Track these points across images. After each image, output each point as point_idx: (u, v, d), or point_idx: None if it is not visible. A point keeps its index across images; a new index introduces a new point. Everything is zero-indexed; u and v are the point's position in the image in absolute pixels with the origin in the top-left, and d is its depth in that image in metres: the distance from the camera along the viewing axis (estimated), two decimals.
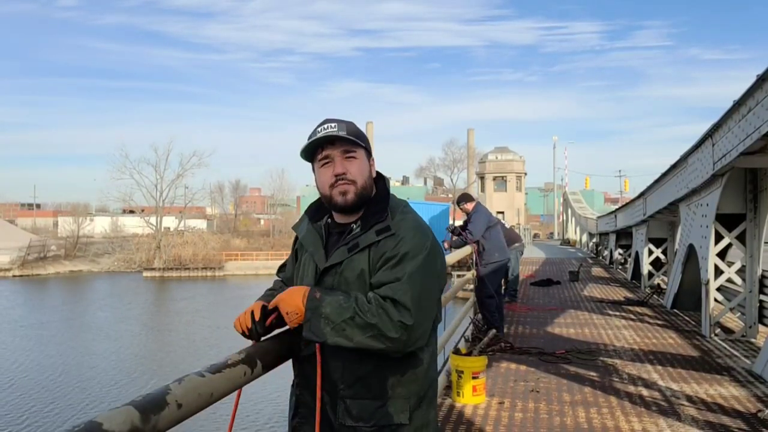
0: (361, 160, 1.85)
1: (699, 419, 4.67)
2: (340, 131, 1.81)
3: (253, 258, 59.43)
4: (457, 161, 72.88)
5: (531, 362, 6.49)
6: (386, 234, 1.78)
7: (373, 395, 1.75)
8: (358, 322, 1.66)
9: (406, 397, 1.77)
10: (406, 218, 1.84)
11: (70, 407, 16.58)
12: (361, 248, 1.78)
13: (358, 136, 1.84)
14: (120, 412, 1.20)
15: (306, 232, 1.95)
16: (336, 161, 1.83)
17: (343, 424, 1.75)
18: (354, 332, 1.66)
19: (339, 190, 1.82)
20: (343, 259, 1.80)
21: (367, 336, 1.66)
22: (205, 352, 22.81)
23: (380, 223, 1.80)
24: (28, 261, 54.27)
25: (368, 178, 1.87)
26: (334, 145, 1.82)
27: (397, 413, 1.76)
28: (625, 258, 18.46)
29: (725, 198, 7.57)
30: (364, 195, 1.85)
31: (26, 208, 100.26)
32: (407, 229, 1.80)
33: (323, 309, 1.68)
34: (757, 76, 5.78)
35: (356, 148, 1.84)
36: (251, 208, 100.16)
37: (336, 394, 1.77)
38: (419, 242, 1.77)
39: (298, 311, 1.72)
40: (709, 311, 7.93)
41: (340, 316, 1.66)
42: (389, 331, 1.65)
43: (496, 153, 50.21)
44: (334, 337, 1.67)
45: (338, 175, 1.82)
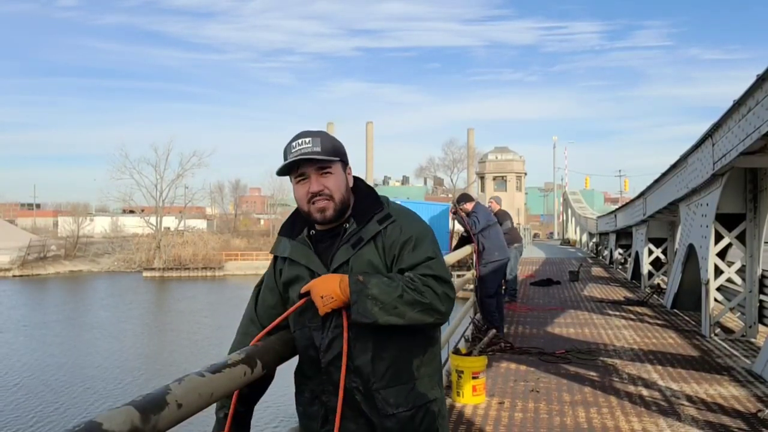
0: (336, 175, 1.86)
1: (699, 419, 4.67)
2: (315, 146, 1.81)
3: (253, 258, 59.40)
4: (457, 161, 72.82)
5: (531, 362, 6.49)
6: (389, 221, 1.84)
7: (404, 380, 1.82)
8: (407, 299, 1.72)
9: (430, 375, 1.88)
10: (400, 208, 1.93)
11: (70, 407, 16.57)
12: (366, 241, 1.82)
13: (334, 151, 1.85)
14: (120, 412, 1.20)
15: (291, 249, 1.92)
16: (312, 178, 1.84)
17: (385, 414, 1.80)
18: (405, 309, 1.72)
19: (317, 207, 1.84)
20: (349, 256, 1.82)
21: (417, 311, 1.73)
22: (205, 352, 22.81)
23: (379, 213, 1.86)
24: (28, 261, 54.26)
25: (346, 191, 1.88)
26: (310, 162, 1.82)
27: (428, 390, 1.86)
28: (625, 258, 18.46)
29: (725, 198, 7.57)
30: (343, 207, 1.87)
31: (26, 208, 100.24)
32: (406, 214, 1.90)
33: (370, 290, 1.71)
34: (757, 75, 5.77)
35: (331, 164, 1.85)
36: (251, 208, 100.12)
37: (369, 388, 1.80)
38: (424, 226, 1.90)
39: (334, 295, 1.73)
40: (709, 311, 7.93)
41: (390, 296, 1.71)
42: (439, 305, 1.76)
43: (496, 153, 50.23)
44: (385, 316, 1.71)
45: (315, 193, 1.83)
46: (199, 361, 19.72)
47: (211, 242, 59.73)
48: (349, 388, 1.80)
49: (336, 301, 1.73)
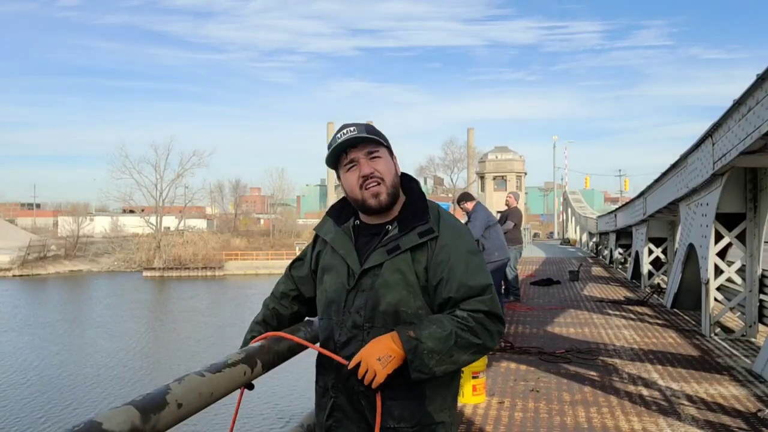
0: (385, 159, 1.85)
1: (699, 418, 4.67)
2: (360, 133, 1.81)
3: (253, 257, 59.43)
4: (457, 161, 72.95)
5: (531, 362, 6.48)
6: (430, 236, 1.78)
7: (413, 395, 1.76)
8: (461, 344, 1.69)
9: (444, 396, 1.81)
10: (448, 221, 1.85)
11: (70, 406, 16.57)
12: (403, 250, 1.77)
13: (379, 136, 1.85)
14: (120, 412, 1.20)
15: (335, 234, 1.90)
16: (361, 163, 1.82)
17: (385, 426, 1.75)
18: (460, 355, 1.69)
19: (371, 192, 1.80)
20: (383, 261, 1.78)
21: (470, 353, 1.71)
22: (205, 352, 22.80)
23: (422, 225, 1.80)
24: (28, 261, 54.26)
25: (395, 176, 1.86)
26: (357, 147, 1.82)
27: (436, 412, 1.78)
28: (625, 257, 18.46)
29: (725, 197, 7.57)
30: (394, 193, 1.84)
31: (26, 207, 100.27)
32: (451, 230, 1.81)
33: (425, 344, 1.66)
34: (757, 75, 5.77)
35: (379, 147, 1.84)
36: (251, 207, 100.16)
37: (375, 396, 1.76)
38: (472, 245, 1.83)
39: (392, 353, 1.67)
40: (709, 311, 7.93)
41: (445, 345, 1.67)
42: (490, 342, 1.74)
43: (496, 152, 50.13)
44: (441, 366, 1.68)
45: (366, 176, 1.80)
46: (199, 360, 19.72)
47: (211, 242, 59.77)
48: (356, 391, 1.78)
49: (396, 359, 1.67)
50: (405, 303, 1.76)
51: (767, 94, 5.59)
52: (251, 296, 40.42)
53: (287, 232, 71.13)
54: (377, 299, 1.77)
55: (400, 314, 1.76)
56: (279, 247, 63.55)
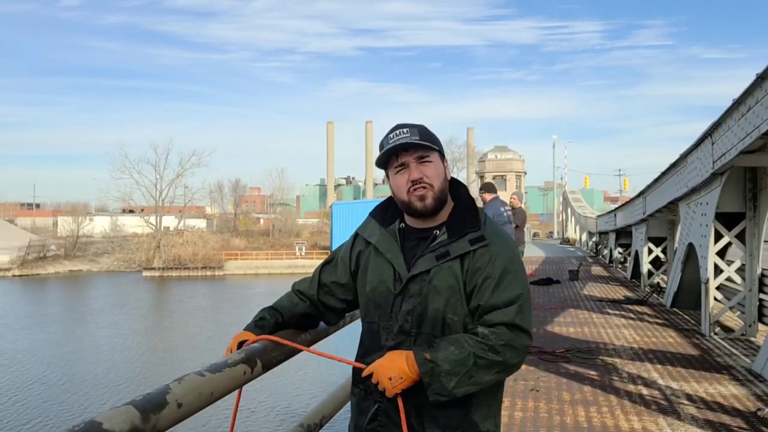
0: (436, 164, 1.82)
1: (699, 418, 4.67)
2: (413, 136, 1.79)
3: (252, 257, 59.40)
4: (456, 160, 72.87)
5: (531, 361, 6.48)
6: (481, 244, 1.75)
7: (459, 403, 1.72)
8: (481, 364, 1.65)
9: (489, 405, 1.79)
10: (495, 228, 1.82)
11: (70, 407, 16.57)
12: (453, 257, 1.74)
13: (432, 140, 1.82)
14: (120, 412, 1.20)
15: (380, 236, 1.87)
16: (411, 167, 1.80)
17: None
18: (480, 375, 1.65)
19: (417, 195, 1.78)
20: (432, 267, 1.75)
21: (494, 373, 1.66)
22: (205, 352, 22.80)
23: (474, 232, 1.77)
24: (27, 261, 54.24)
25: (444, 181, 1.83)
26: (408, 151, 1.80)
27: (482, 420, 1.76)
28: (625, 257, 18.47)
29: (725, 197, 7.57)
30: (441, 198, 1.82)
31: (26, 207, 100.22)
32: (500, 240, 1.78)
33: (441, 367, 1.63)
34: (756, 74, 5.77)
35: (430, 152, 1.81)
36: (251, 207, 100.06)
37: (421, 403, 1.72)
38: (514, 256, 1.78)
39: (403, 375, 1.66)
40: (709, 310, 7.93)
41: (464, 366, 1.63)
42: (513, 359, 1.67)
43: (496, 152, 50.22)
44: (462, 387, 1.64)
45: (415, 181, 1.78)
46: (199, 360, 19.72)
47: (211, 242, 59.76)
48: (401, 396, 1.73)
49: (406, 381, 1.66)
50: (452, 310, 1.74)
51: (767, 94, 5.59)
52: (251, 296, 40.40)
53: (287, 231, 71.06)
54: (425, 305, 1.75)
55: (446, 321, 1.74)
56: (279, 247, 63.53)
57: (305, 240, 65.39)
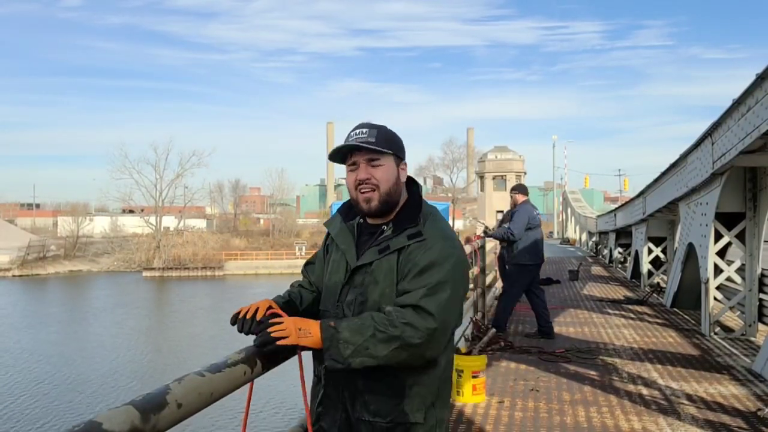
0: (386, 167, 1.89)
1: (699, 418, 4.67)
2: (369, 137, 1.86)
3: (252, 257, 59.42)
4: (456, 160, 72.97)
5: (531, 361, 6.49)
6: (417, 239, 1.83)
7: (392, 392, 1.81)
8: (380, 337, 1.70)
9: (423, 396, 1.84)
10: (437, 225, 1.89)
11: (71, 407, 16.57)
12: (392, 251, 1.84)
13: (387, 143, 1.89)
14: (120, 412, 1.20)
15: (339, 230, 1.99)
16: (361, 167, 1.88)
17: (360, 419, 1.83)
18: (377, 348, 1.70)
19: (363, 197, 1.88)
20: (374, 259, 1.85)
21: (392, 349, 1.70)
22: (205, 352, 22.80)
23: (412, 228, 1.85)
24: (27, 261, 54.24)
25: (394, 184, 1.90)
26: (361, 151, 1.87)
27: (413, 411, 1.82)
28: (625, 257, 18.46)
29: (725, 197, 7.57)
30: (389, 201, 1.89)
31: (26, 207, 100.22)
32: (436, 237, 1.84)
33: (341, 334, 1.70)
34: (756, 74, 5.77)
35: (381, 156, 1.88)
36: (251, 207, 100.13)
37: (356, 388, 1.83)
38: (447, 251, 1.83)
39: (312, 331, 1.73)
40: (709, 310, 7.93)
41: (362, 336, 1.70)
42: (412, 338, 1.70)
43: (496, 152, 50.12)
44: (357, 357, 1.70)
45: (361, 181, 1.87)
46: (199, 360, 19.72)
47: (211, 242, 59.79)
48: (342, 382, 1.85)
49: (312, 338, 1.73)
50: (388, 300, 1.81)
51: (766, 94, 5.59)
52: (251, 296, 40.37)
53: (287, 231, 71.08)
54: (366, 296, 1.85)
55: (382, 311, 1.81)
56: (279, 247, 63.55)
57: (305, 240, 65.39)
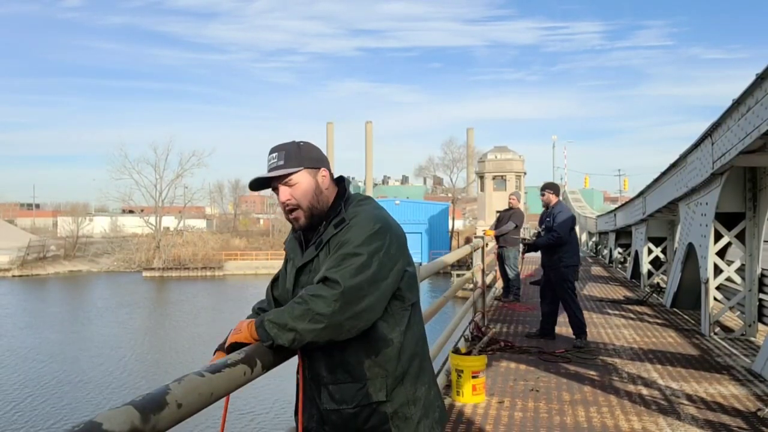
0: (302, 183, 1.97)
1: (699, 418, 4.67)
2: (278, 161, 1.96)
3: (252, 258, 59.43)
4: (456, 160, 72.95)
5: (531, 361, 6.49)
6: (343, 225, 1.91)
7: (353, 378, 1.88)
8: (297, 312, 1.77)
9: (383, 377, 1.88)
10: (361, 209, 1.96)
11: (70, 407, 16.57)
12: (324, 243, 1.93)
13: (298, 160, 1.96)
14: (120, 412, 1.20)
15: (289, 242, 2.13)
16: (280, 190, 1.98)
17: (327, 409, 1.90)
18: (297, 323, 1.76)
19: (291, 218, 1.99)
20: (313, 256, 1.95)
21: (308, 321, 1.76)
22: (205, 352, 22.80)
23: (336, 217, 1.95)
24: (27, 261, 54.24)
25: (314, 196, 1.98)
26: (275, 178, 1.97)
27: (375, 392, 1.87)
28: (625, 257, 18.47)
29: (724, 197, 7.57)
30: (314, 212, 1.98)
31: (25, 208, 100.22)
32: (358, 219, 1.91)
33: (267, 316, 1.81)
34: (756, 75, 5.77)
35: (293, 176, 1.96)
36: (251, 207, 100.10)
37: (320, 381, 1.91)
38: (365, 225, 1.88)
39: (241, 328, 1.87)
40: (709, 310, 7.93)
41: (282, 316, 1.78)
42: (320, 307, 1.75)
43: (496, 152, 50.14)
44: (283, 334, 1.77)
45: (283, 203, 1.98)
46: (199, 360, 19.72)
47: (211, 242, 59.78)
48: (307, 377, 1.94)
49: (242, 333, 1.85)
50: None
51: (766, 94, 5.59)
52: (251, 296, 40.37)
53: (287, 232, 70.59)
54: None
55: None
56: (278, 247, 63.37)
57: None
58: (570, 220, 7.49)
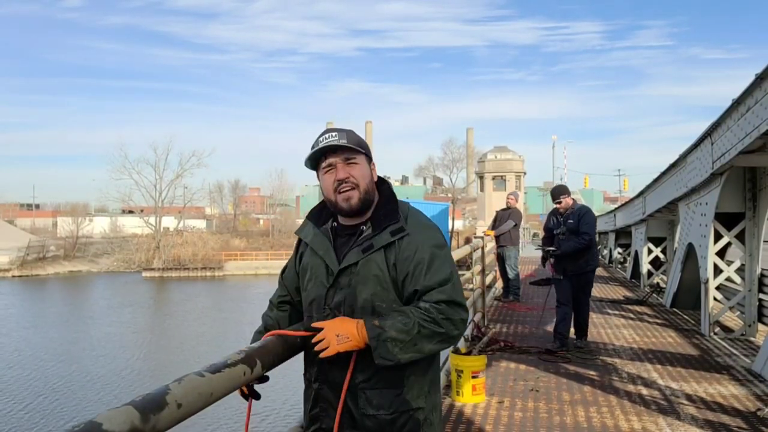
0: (362, 165, 1.95)
1: (699, 418, 4.67)
2: (341, 140, 1.92)
3: (252, 258, 59.40)
4: (456, 161, 72.88)
5: (530, 361, 6.49)
6: (401, 234, 1.89)
7: (391, 384, 1.87)
8: (424, 333, 1.79)
9: (420, 384, 1.92)
10: (417, 218, 1.96)
11: (70, 407, 16.56)
12: (376, 249, 1.88)
13: (359, 144, 1.95)
14: (120, 412, 1.20)
15: (313, 236, 2.02)
16: (338, 167, 1.93)
17: (364, 414, 1.87)
18: (423, 343, 1.80)
19: (343, 197, 1.92)
20: (359, 260, 1.89)
21: (435, 343, 1.82)
22: (205, 352, 22.79)
23: (393, 225, 1.91)
24: (27, 261, 54.22)
25: (370, 182, 1.96)
26: (336, 153, 1.93)
27: (414, 399, 1.89)
28: (625, 257, 18.48)
29: (724, 197, 7.57)
30: (367, 198, 1.94)
31: (25, 208, 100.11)
32: (421, 228, 1.92)
33: (388, 333, 1.77)
34: (756, 75, 5.77)
35: (356, 155, 1.94)
36: (250, 207, 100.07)
37: (356, 385, 1.88)
38: (439, 240, 1.93)
39: (350, 336, 1.80)
40: (709, 310, 7.93)
41: (408, 334, 1.78)
42: (453, 330, 1.83)
43: (495, 152, 50.14)
44: (406, 354, 1.79)
45: (341, 180, 1.91)
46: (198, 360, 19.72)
47: (211, 242, 59.75)
48: (338, 381, 1.89)
49: (351, 341, 1.80)
50: (380, 298, 1.87)
51: (766, 94, 5.59)
52: (251, 296, 40.40)
53: (287, 232, 71.00)
54: (354, 296, 1.89)
55: (375, 309, 1.87)
56: (278, 248, 63.50)
57: None
58: (595, 220, 7.16)
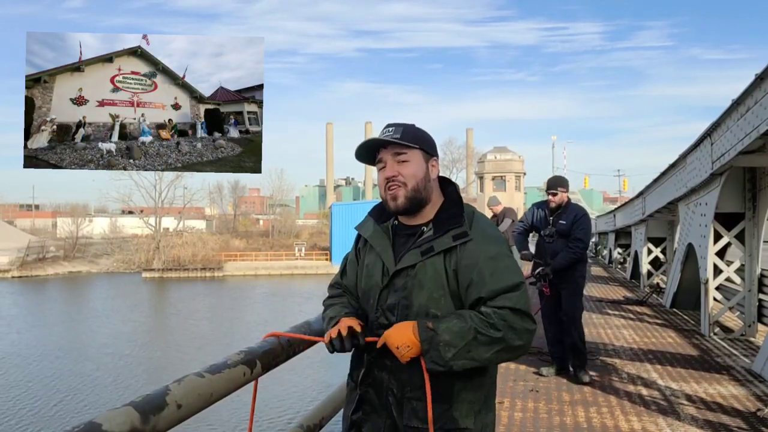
0: (414, 163, 1.84)
1: (698, 418, 4.67)
2: (395, 134, 1.83)
3: (252, 258, 59.36)
4: (456, 161, 72.97)
5: (531, 361, 6.48)
6: (464, 239, 1.78)
7: (441, 398, 1.76)
8: (482, 340, 1.67)
9: (471, 402, 1.80)
10: (481, 223, 1.84)
11: (70, 408, 16.56)
12: (436, 252, 1.78)
13: (414, 139, 1.85)
14: (120, 413, 1.20)
15: (373, 232, 1.93)
16: (388, 164, 1.84)
17: (408, 425, 1.77)
18: (479, 351, 1.67)
19: (390, 195, 1.83)
20: (417, 262, 1.79)
21: (493, 351, 1.68)
22: (204, 353, 22.79)
23: (456, 228, 1.80)
24: (27, 262, 54.19)
25: (422, 180, 1.84)
26: (387, 148, 1.84)
27: (462, 417, 1.78)
28: (624, 257, 18.47)
29: (724, 197, 7.57)
30: (417, 197, 1.84)
31: (25, 209, 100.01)
32: (485, 236, 1.80)
33: (441, 337, 1.67)
34: (755, 75, 5.78)
35: (408, 151, 1.84)
36: (250, 208, 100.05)
37: (403, 395, 1.79)
38: (503, 248, 1.80)
39: (410, 344, 1.69)
40: (709, 310, 7.93)
41: (463, 339, 1.66)
42: (515, 340, 1.68)
43: (495, 153, 50.15)
44: (459, 360, 1.66)
45: (388, 178, 1.83)
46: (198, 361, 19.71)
47: (211, 243, 59.67)
48: (386, 387, 1.81)
49: (413, 349, 1.69)
50: (435, 304, 1.77)
51: (766, 94, 5.60)
52: (251, 297, 40.41)
53: (286, 232, 71.01)
54: (410, 299, 1.79)
55: (430, 315, 1.76)
56: (278, 248, 63.48)
57: (305, 241, 65.33)
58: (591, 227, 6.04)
